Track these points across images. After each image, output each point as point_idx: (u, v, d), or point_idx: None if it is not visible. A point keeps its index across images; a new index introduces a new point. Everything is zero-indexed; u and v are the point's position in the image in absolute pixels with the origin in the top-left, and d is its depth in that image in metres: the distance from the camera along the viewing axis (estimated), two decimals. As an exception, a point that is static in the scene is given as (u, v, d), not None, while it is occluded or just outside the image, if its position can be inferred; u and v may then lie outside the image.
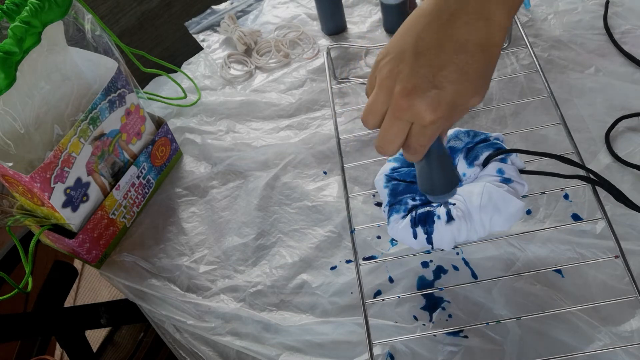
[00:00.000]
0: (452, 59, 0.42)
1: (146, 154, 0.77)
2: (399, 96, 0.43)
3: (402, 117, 0.43)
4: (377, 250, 0.67)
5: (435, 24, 0.43)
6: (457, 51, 0.42)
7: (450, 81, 0.42)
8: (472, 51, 0.42)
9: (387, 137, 0.45)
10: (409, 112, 0.43)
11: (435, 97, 0.42)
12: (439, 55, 0.42)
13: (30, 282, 0.69)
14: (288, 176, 0.77)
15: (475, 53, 0.42)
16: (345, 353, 0.60)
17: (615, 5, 0.86)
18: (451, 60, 0.42)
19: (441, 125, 0.44)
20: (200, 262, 0.72)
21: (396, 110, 0.43)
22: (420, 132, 0.44)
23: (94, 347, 1.13)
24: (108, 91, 0.68)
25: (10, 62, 0.57)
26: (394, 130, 0.44)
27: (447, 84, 0.42)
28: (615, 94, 0.76)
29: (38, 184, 0.62)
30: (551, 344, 0.57)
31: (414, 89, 0.42)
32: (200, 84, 0.93)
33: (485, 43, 0.42)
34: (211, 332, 0.66)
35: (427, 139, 0.45)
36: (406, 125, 0.44)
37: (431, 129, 0.44)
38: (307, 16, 1.00)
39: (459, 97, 0.42)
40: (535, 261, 0.62)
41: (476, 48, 0.42)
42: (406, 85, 0.43)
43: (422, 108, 0.42)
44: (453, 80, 0.42)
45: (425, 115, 0.42)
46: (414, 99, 0.42)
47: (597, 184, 0.55)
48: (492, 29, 0.42)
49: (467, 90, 0.43)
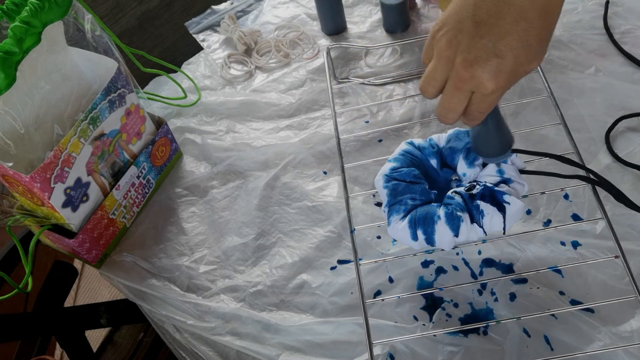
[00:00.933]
0: (512, 28, 0.42)
1: (146, 154, 0.77)
2: (461, 67, 0.44)
3: (464, 87, 0.45)
4: (378, 251, 0.67)
5: None
6: (517, 19, 0.42)
7: (511, 49, 0.42)
8: (532, 18, 0.42)
9: (449, 107, 0.46)
10: (471, 82, 0.44)
11: (497, 66, 0.43)
12: (499, 24, 0.42)
13: (30, 282, 0.69)
14: (288, 176, 0.77)
15: (535, 20, 0.42)
16: (345, 353, 0.60)
17: (615, 5, 0.86)
18: (512, 28, 0.42)
19: (502, 92, 0.45)
20: (200, 262, 0.72)
21: (458, 81, 0.45)
22: (482, 100, 0.45)
23: (94, 347, 1.13)
24: (108, 91, 0.68)
25: (10, 62, 0.57)
26: (456, 100, 0.46)
27: (507, 52, 0.42)
28: (615, 94, 0.76)
29: (38, 184, 0.62)
30: (551, 344, 0.57)
31: (475, 60, 0.43)
32: (200, 84, 0.93)
33: (544, 9, 0.42)
34: (211, 332, 0.66)
35: (487, 107, 0.46)
36: (467, 95, 0.45)
37: (492, 97, 0.45)
38: (307, 16, 1.00)
39: (520, 64, 0.43)
40: (535, 261, 0.62)
41: (536, 14, 0.42)
42: (467, 56, 0.43)
43: (485, 78, 0.43)
44: (514, 48, 0.42)
45: (488, 84, 0.43)
46: (475, 69, 0.43)
47: (597, 184, 0.55)
48: None
49: (528, 57, 0.43)
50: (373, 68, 0.89)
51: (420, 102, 0.82)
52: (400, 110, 0.82)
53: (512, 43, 0.42)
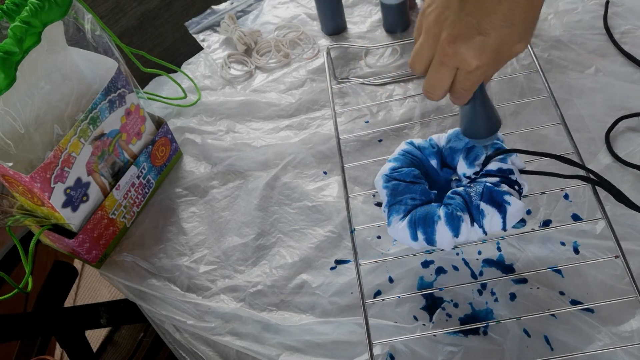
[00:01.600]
0: (496, 6, 0.43)
1: (146, 154, 0.77)
2: (445, 43, 0.44)
3: (448, 63, 0.45)
4: (378, 251, 0.67)
5: None
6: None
7: (495, 27, 0.43)
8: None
9: (434, 82, 0.47)
10: (454, 58, 0.44)
11: (480, 43, 0.43)
12: (484, 1, 0.43)
13: (30, 282, 0.69)
14: (288, 176, 0.77)
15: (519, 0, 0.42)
16: (345, 353, 0.60)
17: (615, 5, 0.86)
18: (496, 7, 0.43)
19: (486, 71, 0.45)
20: (200, 262, 0.72)
21: (442, 56, 0.45)
22: (466, 77, 0.46)
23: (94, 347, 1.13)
24: (108, 91, 0.68)
25: (10, 62, 0.57)
26: (440, 75, 0.46)
27: (491, 30, 0.43)
28: (615, 94, 0.76)
29: (38, 184, 0.62)
30: (551, 344, 0.57)
31: (459, 36, 0.44)
32: (200, 84, 0.93)
33: None
34: (211, 332, 0.66)
35: (471, 84, 0.47)
36: (452, 71, 0.46)
37: (476, 74, 0.45)
38: (307, 16, 1.00)
39: (504, 43, 0.44)
40: (535, 261, 0.62)
41: None
42: (452, 31, 0.44)
43: (468, 54, 0.44)
44: (497, 26, 0.43)
45: (471, 61, 0.44)
46: (459, 46, 0.44)
47: (597, 184, 0.55)
48: None
49: (512, 37, 0.44)
50: (373, 68, 0.89)
51: (420, 102, 0.82)
52: (400, 110, 0.82)
53: (496, 21, 0.43)
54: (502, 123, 0.54)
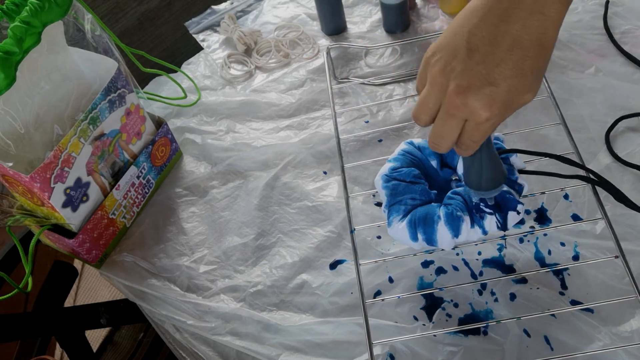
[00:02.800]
0: (507, 56, 0.41)
1: (146, 154, 0.77)
2: (454, 94, 0.43)
3: (457, 115, 0.44)
4: (378, 251, 0.67)
5: (488, 20, 0.42)
6: (512, 47, 0.41)
7: (505, 78, 0.42)
8: (528, 47, 0.41)
9: (441, 134, 0.45)
10: (463, 110, 0.43)
11: (490, 94, 0.42)
12: (494, 51, 0.42)
13: (30, 282, 0.69)
14: (288, 176, 0.77)
15: (530, 49, 0.41)
16: (345, 353, 0.60)
17: (615, 5, 0.86)
18: (506, 56, 0.42)
19: (495, 121, 0.44)
20: (200, 262, 0.72)
21: (450, 108, 0.43)
22: (475, 128, 0.44)
23: (94, 347, 1.13)
24: (108, 91, 0.68)
25: (10, 62, 0.57)
26: (448, 127, 0.45)
27: (501, 80, 0.42)
28: (615, 94, 0.76)
29: (38, 184, 0.62)
30: (551, 344, 0.57)
31: (468, 87, 0.42)
32: (200, 84, 0.93)
33: (540, 39, 0.42)
34: (211, 332, 0.66)
35: (480, 136, 0.45)
36: (460, 123, 0.44)
37: (485, 126, 0.44)
38: (307, 16, 1.00)
39: (514, 93, 0.42)
40: (535, 261, 0.62)
41: (531, 44, 0.41)
42: (460, 82, 0.42)
43: (477, 105, 0.42)
44: (508, 76, 0.42)
45: (481, 112, 0.42)
46: (468, 97, 0.42)
47: (597, 184, 0.55)
48: (547, 24, 0.41)
49: (522, 87, 0.42)
50: (373, 68, 0.89)
51: (420, 102, 0.82)
52: (400, 110, 0.82)
53: (506, 71, 0.42)
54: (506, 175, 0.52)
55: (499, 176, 0.51)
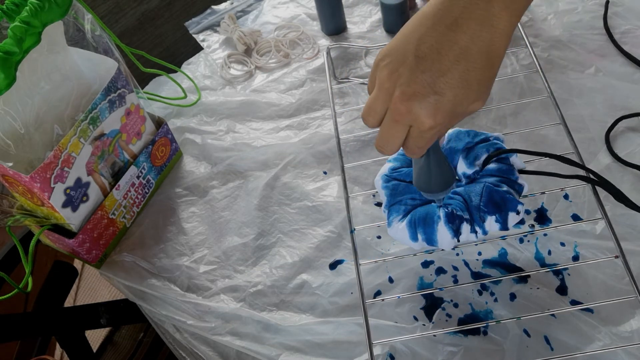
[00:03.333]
0: (453, 66, 0.41)
1: (146, 154, 0.77)
2: (399, 100, 0.43)
3: (401, 121, 0.44)
4: (378, 251, 0.67)
5: (438, 28, 0.42)
6: (458, 58, 0.41)
7: (451, 87, 0.42)
8: (474, 58, 0.41)
9: (387, 138, 0.45)
10: (407, 116, 0.43)
11: (435, 103, 0.42)
12: (441, 61, 0.42)
13: (30, 282, 0.69)
14: (288, 176, 0.77)
15: (477, 60, 0.41)
16: (345, 353, 0.60)
17: (615, 5, 0.86)
18: (452, 67, 0.41)
19: (439, 130, 0.44)
20: (200, 262, 0.72)
21: (395, 114, 0.43)
22: (419, 136, 0.44)
23: (94, 347, 1.13)
24: (108, 91, 0.68)
25: (10, 62, 0.57)
26: (393, 132, 0.45)
27: (447, 90, 0.42)
28: (615, 94, 0.76)
29: (38, 184, 0.62)
30: (551, 344, 0.57)
31: (413, 94, 0.42)
32: (200, 84, 0.93)
33: (487, 51, 0.42)
34: (211, 332, 0.66)
35: (425, 143, 0.45)
36: (405, 128, 0.44)
37: (430, 133, 0.44)
38: (307, 16, 1.00)
39: (459, 103, 0.42)
40: (535, 261, 0.62)
41: (478, 55, 0.41)
42: (406, 89, 0.42)
43: (422, 113, 0.42)
44: (453, 86, 0.42)
45: (425, 120, 0.42)
46: (413, 104, 0.42)
47: (597, 184, 0.55)
48: (495, 36, 0.42)
49: (468, 97, 0.42)
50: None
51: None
52: (400, 110, 0.82)
53: (452, 81, 0.42)
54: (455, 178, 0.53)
55: (447, 179, 0.52)
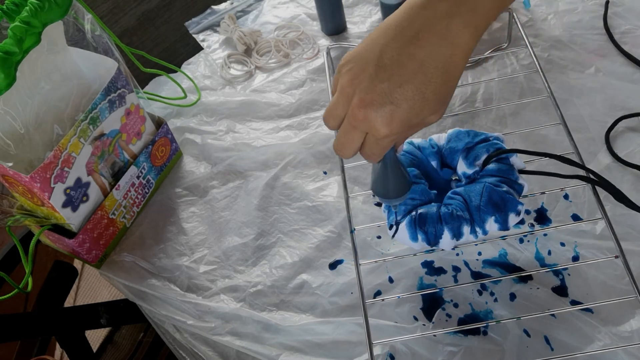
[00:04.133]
0: (411, 78, 0.42)
1: (146, 154, 0.77)
2: (356, 107, 0.44)
3: (358, 127, 0.44)
4: (378, 251, 0.67)
5: (399, 40, 0.43)
6: (416, 71, 0.42)
7: (406, 99, 0.42)
8: (432, 73, 0.42)
9: (344, 143, 0.46)
10: (364, 123, 0.44)
11: (390, 112, 0.43)
12: (399, 72, 0.42)
13: (30, 282, 0.69)
14: (288, 176, 0.77)
15: (434, 75, 0.42)
16: (345, 353, 0.60)
17: (615, 5, 0.86)
18: (410, 79, 0.42)
19: (395, 139, 0.45)
20: (200, 262, 0.72)
21: (353, 119, 0.44)
22: (374, 142, 0.45)
23: (94, 347, 1.13)
24: (108, 91, 0.68)
25: (10, 62, 0.57)
26: (350, 137, 0.46)
27: (403, 101, 0.42)
28: (615, 94, 0.76)
29: (38, 184, 0.62)
30: (551, 344, 0.57)
31: (371, 102, 0.43)
32: (200, 84, 0.93)
33: (445, 66, 0.42)
34: (211, 332, 0.66)
35: (379, 150, 0.46)
36: (361, 134, 0.45)
37: (384, 141, 0.45)
38: (307, 16, 1.00)
39: (414, 115, 0.43)
40: (535, 261, 0.62)
41: (436, 71, 0.42)
42: (364, 97, 0.43)
43: (377, 122, 0.43)
44: (409, 98, 0.42)
45: (380, 128, 0.43)
46: (369, 112, 0.43)
47: (597, 184, 0.55)
48: (455, 51, 0.42)
49: (423, 110, 0.43)
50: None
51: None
52: (400, 110, 0.82)
53: (408, 93, 0.42)
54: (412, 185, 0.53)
55: (402, 186, 0.52)
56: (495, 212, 0.54)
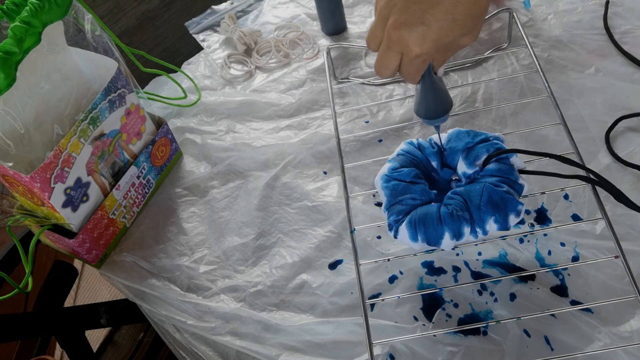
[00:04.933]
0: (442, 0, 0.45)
1: (146, 154, 0.77)
2: (391, 28, 0.47)
3: (393, 47, 0.48)
4: (378, 251, 0.67)
5: None
6: None
7: (437, 20, 0.45)
8: None
9: (381, 63, 0.50)
10: (398, 43, 0.47)
11: (422, 33, 0.46)
12: None
13: (30, 282, 0.69)
14: (288, 176, 0.77)
15: None
16: (345, 353, 0.60)
17: (615, 5, 0.86)
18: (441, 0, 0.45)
19: (428, 58, 0.48)
20: (200, 262, 0.72)
21: (388, 40, 0.48)
22: (409, 62, 0.48)
23: (94, 347, 1.13)
24: (108, 91, 0.68)
25: (10, 62, 0.57)
26: (387, 57, 0.49)
27: (434, 22, 0.45)
28: (615, 94, 0.76)
29: (38, 184, 0.62)
30: (551, 344, 0.57)
31: (404, 23, 0.46)
32: (200, 84, 0.93)
33: None
34: (211, 332, 0.66)
35: (414, 69, 0.49)
36: (397, 55, 0.48)
37: (418, 61, 0.48)
38: (307, 16, 1.00)
39: (445, 35, 0.46)
40: (535, 261, 0.62)
41: None
42: (398, 18, 0.46)
43: (410, 41, 0.46)
44: (440, 19, 0.45)
45: (412, 48, 0.46)
46: (403, 32, 0.46)
47: (597, 184, 0.55)
48: None
49: (454, 30, 0.46)
50: (373, 68, 0.89)
51: (420, 102, 0.82)
52: (400, 110, 0.82)
53: (439, 14, 0.45)
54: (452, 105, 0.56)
55: (442, 105, 0.55)
56: (495, 212, 0.54)
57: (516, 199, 0.55)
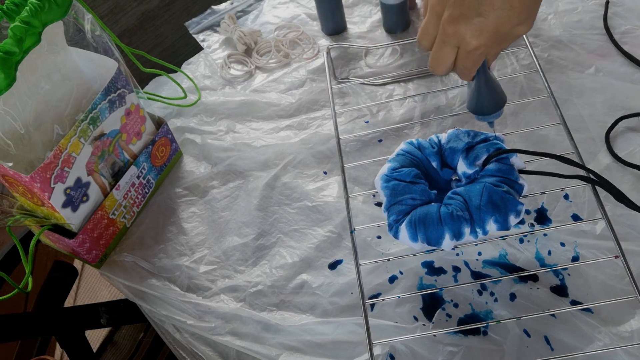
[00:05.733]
0: None
1: (146, 154, 0.77)
2: (446, 22, 0.46)
3: (449, 42, 0.47)
4: (378, 251, 0.67)
5: None
6: None
7: (494, 9, 0.45)
8: None
9: (437, 59, 0.49)
10: (454, 37, 0.47)
11: (479, 24, 0.45)
12: None
13: (30, 282, 0.69)
14: (288, 176, 0.77)
15: None
16: (345, 353, 0.60)
17: (615, 5, 0.86)
18: None
19: (485, 51, 0.47)
20: (200, 262, 0.72)
21: (443, 35, 0.47)
22: (466, 56, 0.48)
23: (94, 347, 1.13)
24: (108, 91, 0.68)
25: (10, 62, 0.57)
26: (442, 53, 0.49)
27: (490, 12, 0.45)
28: (615, 94, 0.76)
29: (38, 184, 0.62)
30: (551, 344, 0.57)
31: (460, 16, 0.46)
32: (200, 84, 0.93)
33: None
34: (211, 332, 0.66)
35: (472, 63, 0.49)
36: (453, 50, 0.48)
37: (475, 54, 0.47)
38: (307, 16, 1.00)
39: (502, 25, 0.45)
40: (535, 261, 0.62)
41: None
42: (453, 12, 0.46)
43: (467, 34, 0.46)
44: (497, 8, 0.45)
45: (470, 40, 0.46)
46: (459, 26, 0.46)
47: (597, 184, 0.55)
48: None
49: (511, 19, 0.45)
50: (373, 68, 0.89)
51: (420, 102, 0.82)
52: (400, 110, 0.82)
53: (496, 3, 0.44)
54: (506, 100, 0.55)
55: (497, 100, 0.54)
56: (495, 212, 0.54)
57: (516, 199, 0.55)
